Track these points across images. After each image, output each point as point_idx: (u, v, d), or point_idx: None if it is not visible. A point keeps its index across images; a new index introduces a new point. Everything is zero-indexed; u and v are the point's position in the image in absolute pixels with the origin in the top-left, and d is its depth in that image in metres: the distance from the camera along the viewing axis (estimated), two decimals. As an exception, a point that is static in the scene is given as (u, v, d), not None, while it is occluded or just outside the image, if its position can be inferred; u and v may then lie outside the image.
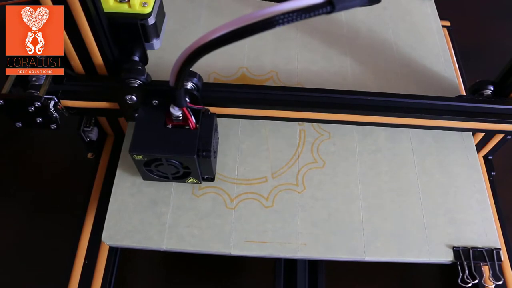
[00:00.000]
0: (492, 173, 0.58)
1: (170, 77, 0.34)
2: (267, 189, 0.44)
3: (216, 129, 0.43)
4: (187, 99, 0.40)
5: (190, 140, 0.39)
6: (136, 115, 0.42)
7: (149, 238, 0.41)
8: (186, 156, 0.39)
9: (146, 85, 0.42)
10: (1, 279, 0.55)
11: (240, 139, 0.47)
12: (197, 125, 0.40)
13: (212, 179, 0.44)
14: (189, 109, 0.39)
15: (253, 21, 0.26)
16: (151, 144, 0.39)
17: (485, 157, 0.59)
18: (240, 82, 0.50)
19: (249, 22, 0.26)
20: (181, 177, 0.42)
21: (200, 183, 0.43)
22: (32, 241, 0.57)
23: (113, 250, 0.50)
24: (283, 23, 0.25)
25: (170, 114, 0.39)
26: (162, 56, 0.51)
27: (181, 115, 0.39)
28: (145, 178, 0.43)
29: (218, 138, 0.45)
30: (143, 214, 0.42)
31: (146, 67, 0.46)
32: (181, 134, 0.40)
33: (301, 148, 0.46)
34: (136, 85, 0.41)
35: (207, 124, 0.41)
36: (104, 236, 0.41)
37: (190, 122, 0.40)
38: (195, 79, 0.41)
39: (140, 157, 0.39)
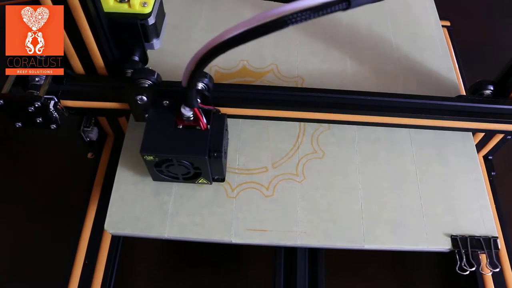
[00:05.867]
0: (492, 173, 0.58)
1: (182, 77, 0.34)
2: (268, 178, 0.44)
3: (226, 130, 0.43)
4: (198, 100, 0.40)
5: (201, 140, 0.39)
6: (147, 115, 0.41)
7: (151, 226, 0.41)
8: (197, 157, 0.39)
9: (157, 85, 0.42)
10: (1, 279, 0.55)
11: (241, 129, 0.47)
12: (208, 126, 0.40)
13: (223, 180, 0.44)
14: (200, 110, 0.39)
15: (268, 20, 0.26)
16: (162, 145, 0.39)
17: (485, 157, 0.59)
18: (241, 75, 0.51)
19: (264, 21, 0.26)
20: (191, 178, 0.42)
21: (211, 183, 0.43)
22: (32, 241, 0.57)
23: (114, 246, 0.50)
24: (299, 21, 0.25)
25: (181, 114, 0.39)
26: (162, 55, 0.51)
27: (192, 115, 0.39)
28: (155, 178, 0.43)
29: (228, 138, 0.45)
30: (146, 202, 0.42)
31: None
32: (192, 134, 0.40)
33: (301, 138, 0.47)
34: (147, 86, 0.41)
35: (218, 125, 0.41)
36: (107, 224, 0.41)
37: (201, 123, 0.40)
38: (206, 79, 0.41)
39: (151, 157, 0.39)
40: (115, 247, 0.51)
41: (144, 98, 0.41)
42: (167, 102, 0.41)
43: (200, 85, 0.41)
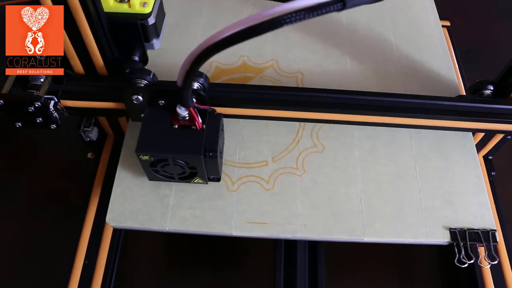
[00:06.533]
0: (492, 173, 0.58)
1: (177, 77, 0.34)
2: (268, 172, 0.44)
3: (222, 129, 0.43)
4: (193, 99, 0.40)
5: (196, 140, 0.39)
6: (143, 115, 0.41)
7: (153, 219, 0.41)
8: (192, 156, 0.39)
9: (153, 85, 0.42)
10: (1, 279, 0.55)
11: (241, 124, 0.47)
12: (204, 126, 0.40)
13: (218, 179, 0.44)
14: (195, 109, 0.39)
15: (262, 20, 0.26)
16: (157, 144, 0.39)
17: (485, 157, 0.59)
18: (241, 70, 0.51)
19: (259, 21, 0.26)
20: (187, 178, 0.42)
21: (206, 183, 0.43)
22: (32, 241, 0.57)
23: (114, 245, 0.50)
24: (294, 21, 0.25)
25: (177, 114, 0.39)
26: (162, 55, 0.51)
27: (187, 115, 0.39)
28: (151, 178, 0.43)
29: (224, 138, 0.45)
30: (147, 196, 0.43)
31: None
32: (188, 134, 0.40)
33: (301, 133, 0.47)
34: (143, 85, 0.41)
35: (214, 125, 0.41)
36: (108, 218, 0.41)
37: (196, 123, 0.40)
38: (202, 79, 0.41)
39: (147, 157, 0.39)
40: (115, 247, 0.51)
41: (140, 97, 0.41)
42: (163, 102, 0.41)
43: (196, 85, 0.41)
